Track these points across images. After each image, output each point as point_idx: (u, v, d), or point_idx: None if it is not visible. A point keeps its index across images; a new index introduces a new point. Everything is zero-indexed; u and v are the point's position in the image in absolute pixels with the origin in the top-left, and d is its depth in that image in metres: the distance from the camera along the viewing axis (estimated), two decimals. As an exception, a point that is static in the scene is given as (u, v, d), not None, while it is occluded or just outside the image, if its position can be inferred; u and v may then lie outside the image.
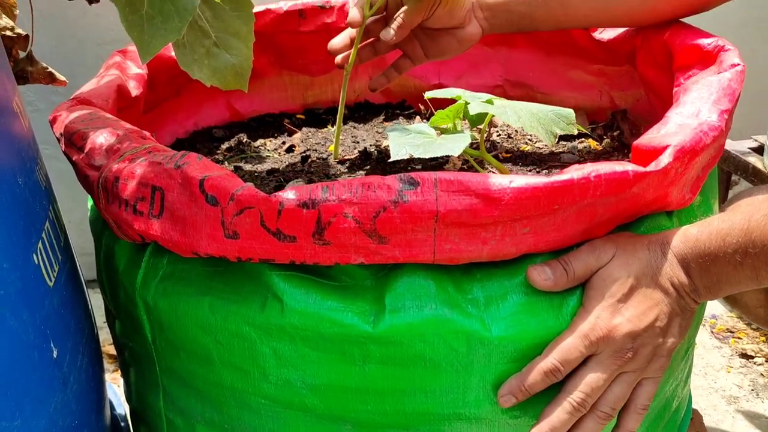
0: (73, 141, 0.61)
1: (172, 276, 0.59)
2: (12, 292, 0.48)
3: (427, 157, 0.60)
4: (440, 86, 1.02)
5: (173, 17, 0.46)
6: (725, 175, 1.16)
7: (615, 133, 0.86)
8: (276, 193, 0.50)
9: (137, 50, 0.46)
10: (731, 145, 1.13)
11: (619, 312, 0.51)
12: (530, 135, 0.88)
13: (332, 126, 1.00)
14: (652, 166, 0.52)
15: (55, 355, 0.54)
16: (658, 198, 0.54)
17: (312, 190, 0.50)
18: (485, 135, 0.80)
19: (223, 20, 0.59)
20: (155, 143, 0.59)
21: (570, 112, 0.63)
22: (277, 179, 0.80)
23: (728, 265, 0.50)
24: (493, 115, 0.64)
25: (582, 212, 0.52)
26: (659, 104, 0.81)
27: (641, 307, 0.52)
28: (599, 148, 0.85)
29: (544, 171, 0.79)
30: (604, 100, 0.91)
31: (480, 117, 0.66)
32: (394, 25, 0.74)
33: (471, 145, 0.62)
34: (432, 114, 0.99)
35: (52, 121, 0.65)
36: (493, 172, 0.75)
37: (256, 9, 0.96)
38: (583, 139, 0.88)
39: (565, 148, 0.85)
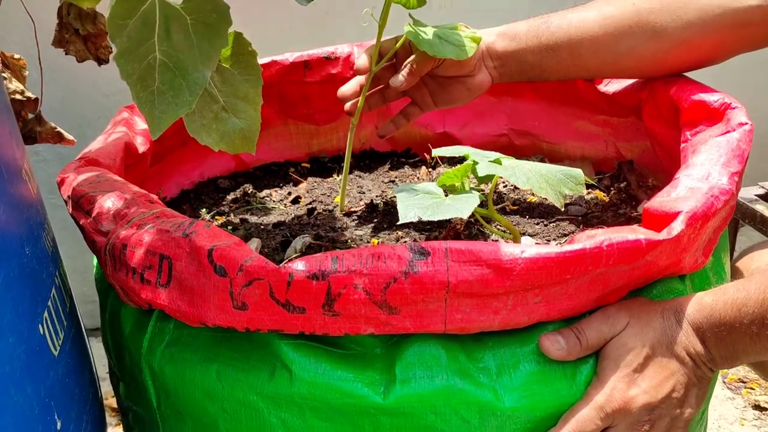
0: (81, 205, 0.61)
1: (179, 341, 0.58)
2: (17, 367, 0.47)
3: (435, 219, 0.60)
4: (445, 135, 1.02)
5: (184, 91, 0.46)
6: (732, 222, 1.15)
7: (622, 185, 0.86)
8: (285, 264, 0.50)
9: (148, 125, 0.46)
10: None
11: (635, 383, 0.50)
12: (537, 187, 0.87)
13: (338, 175, 1.00)
14: (664, 234, 0.51)
15: (58, 427, 0.53)
16: (671, 264, 0.53)
17: (322, 261, 0.50)
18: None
19: (232, 84, 0.59)
20: (163, 207, 0.59)
21: (578, 173, 0.63)
22: (284, 233, 0.80)
23: (745, 336, 0.49)
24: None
25: (595, 281, 0.51)
26: (665, 157, 0.81)
27: (657, 378, 0.51)
28: (606, 199, 0.85)
29: (552, 223, 0.79)
30: (610, 151, 0.91)
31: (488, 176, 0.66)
32: (404, 72, 0.74)
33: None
34: (438, 163, 0.99)
35: (60, 183, 0.65)
36: (500, 229, 0.74)
37: (262, 61, 0.97)
38: (590, 190, 0.88)
39: (572, 199, 0.84)
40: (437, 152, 0.70)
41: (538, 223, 0.80)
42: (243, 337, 0.55)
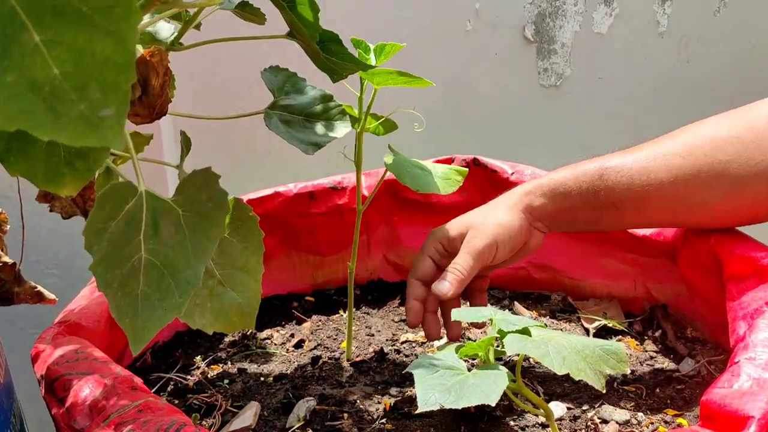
0: (54, 389, 0.53)
1: None
2: None
3: (459, 407, 0.52)
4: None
5: (173, 293, 0.39)
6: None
7: (656, 333, 0.79)
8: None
9: (128, 339, 0.39)
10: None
11: None
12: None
13: (344, 311, 0.93)
14: (736, 450, 0.43)
15: None
16: (743, 481, 0.45)
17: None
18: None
19: (230, 255, 0.53)
20: (147, 396, 0.52)
21: (620, 347, 0.56)
22: (286, 389, 0.72)
23: None
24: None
25: (656, 508, 0.43)
26: (705, 307, 0.74)
27: None
28: (640, 350, 0.77)
29: (582, 383, 0.71)
30: (640, 290, 0.84)
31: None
32: (450, 278, 0.66)
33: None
34: (451, 297, 0.92)
35: (34, 359, 0.58)
36: (530, 404, 0.66)
37: (264, 193, 0.92)
38: (620, 336, 0.80)
39: (604, 350, 0.77)
40: (457, 316, 0.63)
41: (567, 380, 0.72)
42: None
